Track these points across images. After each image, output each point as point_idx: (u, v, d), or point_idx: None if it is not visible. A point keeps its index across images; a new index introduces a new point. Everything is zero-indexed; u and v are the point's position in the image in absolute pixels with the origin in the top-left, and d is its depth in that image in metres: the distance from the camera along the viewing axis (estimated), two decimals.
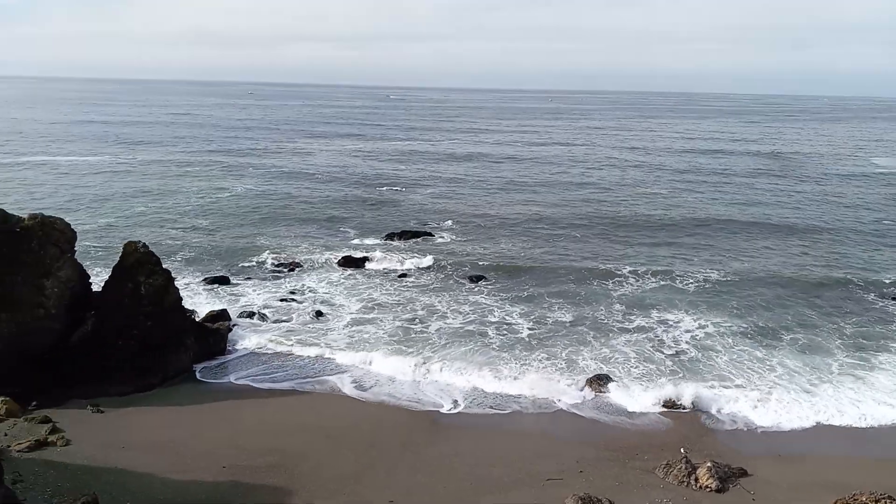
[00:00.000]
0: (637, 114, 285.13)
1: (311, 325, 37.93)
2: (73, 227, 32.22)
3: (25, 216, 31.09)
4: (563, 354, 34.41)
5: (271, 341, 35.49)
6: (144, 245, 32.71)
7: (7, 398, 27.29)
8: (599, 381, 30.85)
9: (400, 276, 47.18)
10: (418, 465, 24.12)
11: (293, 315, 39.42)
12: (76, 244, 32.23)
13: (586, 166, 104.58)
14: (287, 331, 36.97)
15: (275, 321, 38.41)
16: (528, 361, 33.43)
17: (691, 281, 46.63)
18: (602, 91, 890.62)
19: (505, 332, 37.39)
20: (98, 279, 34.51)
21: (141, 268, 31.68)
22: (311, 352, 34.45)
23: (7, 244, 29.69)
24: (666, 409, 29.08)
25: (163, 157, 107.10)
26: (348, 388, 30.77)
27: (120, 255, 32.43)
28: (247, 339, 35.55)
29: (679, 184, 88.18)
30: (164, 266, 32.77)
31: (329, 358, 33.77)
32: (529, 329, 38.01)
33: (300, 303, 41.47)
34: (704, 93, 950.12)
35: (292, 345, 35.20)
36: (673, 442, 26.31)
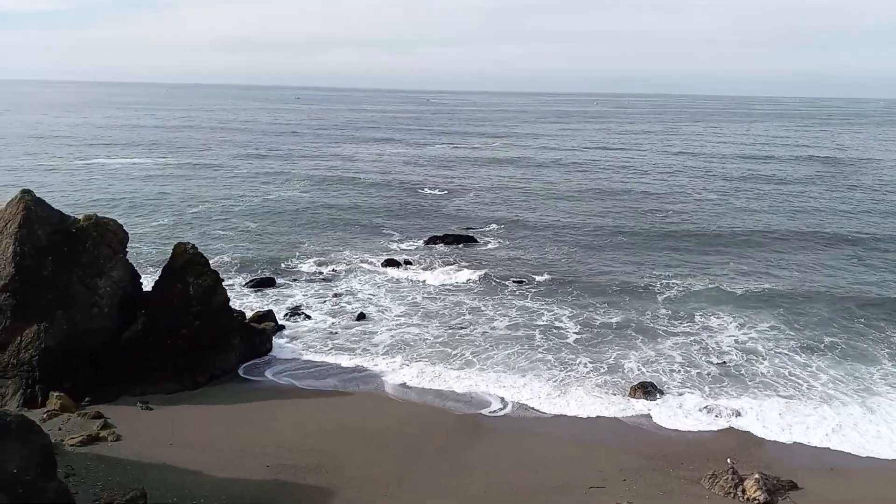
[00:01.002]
0: (685, 117, 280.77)
1: (354, 327, 38.26)
2: (124, 228, 33.16)
3: (80, 217, 32.11)
4: (609, 360, 34.09)
5: (315, 342, 35.95)
6: (193, 246, 33.45)
7: (61, 394, 28.19)
8: (643, 389, 30.40)
9: (443, 280, 47.26)
10: (459, 468, 24.11)
11: (337, 316, 39.83)
12: (127, 245, 33.15)
13: (632, 171, 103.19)
14: (330, 332, 37.39)
15: (319, 322, 38.85)
16: (573, 366, 33.18)
17: (739, 288, 45.63)
18: (647, 94, 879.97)
19: (551, 337, 37.13)
20: (148, 279, 35.40)
21: (190, 269, 32.40)
22: (355, 353, 34.75)
23: (64, 244, 30.69)
24: (712, 418, 28.49)
25: (211, 160, 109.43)
26: (390, 390, 30.94)
27: (169, 256, 33.26)
28: (291, 340, 36.09)
29: (728, 190, 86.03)
30: (211, 267, 33.48)
31: (371, 359, 34.01)
32: (576, 333, 37.72)
33: (344, 305, 41.87)
34: (753, 96, 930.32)
35: (336, 346, 35.59)
36: (718, 452, 25.76)
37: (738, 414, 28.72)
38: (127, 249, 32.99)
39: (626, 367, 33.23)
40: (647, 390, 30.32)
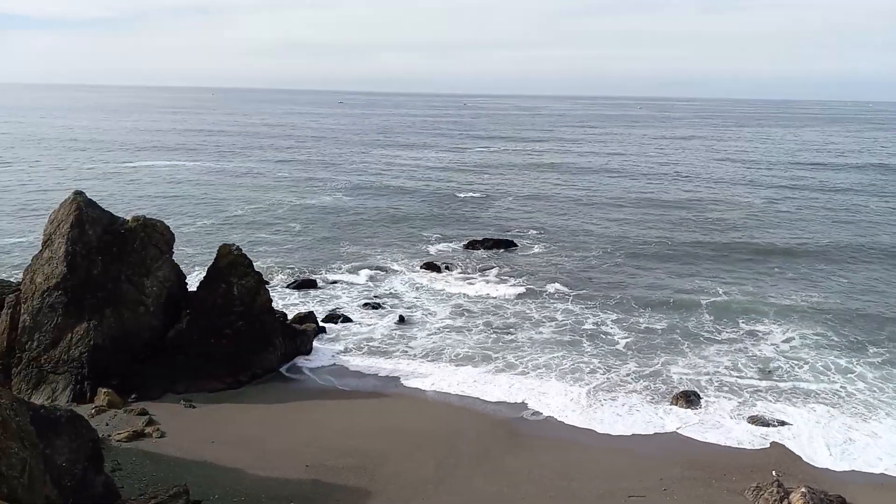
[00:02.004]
0: (732, 122, 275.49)
1: (393, 330, 38.43)
2: (171, 229, 33.89)
3: (129, 218, 32.93)
4: (653, 366, 33.63)
5: (355, 344, 36.21)
6: (238, 248, 34.02)
7: (109, 390, 28.91)
8: (686, 397, 29.86)
9: (483, 284, 47.18)
10: (497, 474, 23.98)
11: (377, 319, 40.06)
12: (174, 245, 33.86)
13: (677, 177, 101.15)
14: (370, 335, 37.62)
15: (359, 324, 39.13)
16: (617, 372, 32.79)
17: (785, 299, 44.49)
18: (693, 98, 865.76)
19: (598, 342, 36.83)
20: (194, 280, 36.09)
21: (234, 270, 32.95)
22: (394, 355, 34.90)
23: (113, 244, 31.51)
24: (756, 428, 27.81)
25: (256, 163, 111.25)
26: (429, 392, 30.96)
27: (215, 256, 33.88)
28: (332, 341, 36.41)
29: (776, 198, 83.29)
30: (255, 268, 33.99)
31: (411, 361, 34.11)
32: (623, 338, 37.41)
33: (384, 307, 42.09)
34: (803, 100, 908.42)
35: (375, 348, 35.80)
36: (763, 464, 25.14)
37: (784, 424, 28.00)
38: (173, 250, 33.70)
39: (670, 375, 32.73)
40: (690, 399, 29.79)
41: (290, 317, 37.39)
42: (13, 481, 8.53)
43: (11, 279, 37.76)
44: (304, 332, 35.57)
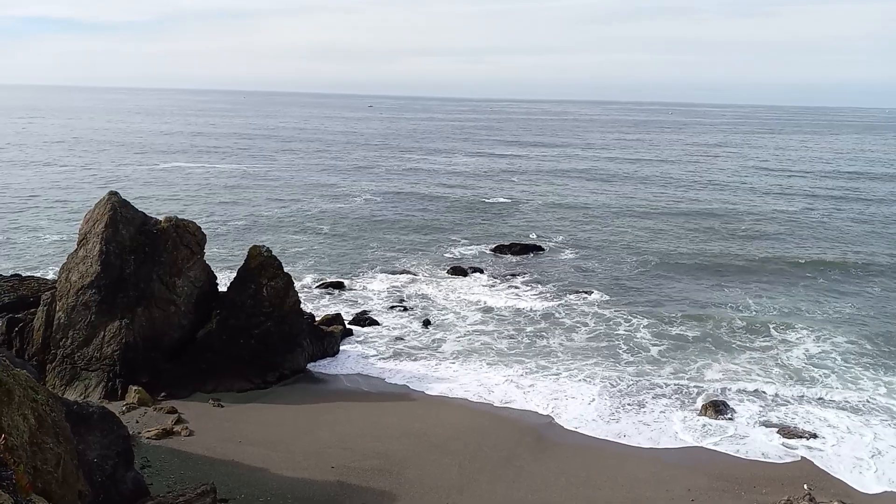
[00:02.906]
0: (764, 129, 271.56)
1: (420, 333, 38.50)
2: (203, 229, 34.34)
3: (162, 218, 33.44)
4: (683, 376, 33.25)
5: (381, 347, 36.33)
6: (268, 249, 34.37)
7: (140, 388, 29.36)
8: (714, 407, 29.43)
9: (510, 288, 47.06)
10: (521, 480, 23.87)
11: (404, 322, 40.15)
12: (205, 246, 34.30)
13: (708, 185, 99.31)
14: (397, 337, 37.71)
15: (386, 327, 39.25)
16: (646, 380, 32.47)
17: (818, 310, 43.72)
18: (725, 104, 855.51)
19: (629, 350, 36.57)
20: (224, 280, 36.50)
21: (264, 271, 33.28)
22: (420, 359, 34.94)
23: (146, 244, 32.01)
24: (786, 440, 27.31)
25: (286, 166, 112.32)
26: (456, 397, 30.88)
27: (245, 257, 34.24)
28: (359, 343, 36.57)
29: (811, 208, 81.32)
30: (284, 270, 34.27)
31: (438, 365, 34.12)
32: (655, 345, 37.18)
33: (411, 310, 42.18)
34: (837, 107, 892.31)
35: (401, 351, 35.87)
36: (794, 476, 24.67)
37: (815, 437, 27.47)
38: (205, 250, 34.13)
39: (701, 383, 32.31)
40: (719, 409, 29.35)
41: (317, 318, 37.64)
42: (48, 476, 8.71)
43: (48, 277, 38.59)
44: (331, 333, 35.78)
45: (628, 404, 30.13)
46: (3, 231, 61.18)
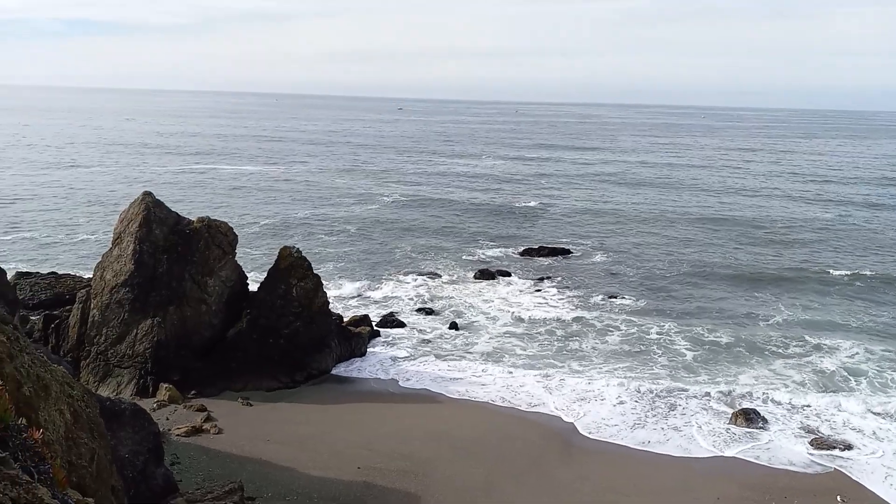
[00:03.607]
0: (801, 133, 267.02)
1: (447, 335, 38.54)
2: (234, 230, 34.78)
3: (195, 219, 33.94)
4: (715, 383, 32.77)
5: (408, 348, 36.43)
6: (298, 250, 34.71)
7: (170, 386, 29.80)
8: (745, 416, 28.98)
9: (538, 291, 46.90)
10: (547, 485, 23.76)
11: (431, 324, 40.23)
12: (237, 246, 34.73)
13: (742, 192, 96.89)
14: (424, 339, 37.80)
15: (413, 329, 39.36)
16: (675, 386, 32.08)
17: (853, 319, 42.80)
18: (760, 108, 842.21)
19: (663, 354, 36.28)
20: (254, 280, 36.89)
21: (294, 271, 33.60)
22: (447, 361, 34.95)
23: (178, 244, 32.52)
24: (818, 451, 26.80)
25: (316, 168, 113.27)
26: (482, 399, 30.83)
27: (276, 258, 34.61)
28: (386, 345, 36.72)
29: (848, 216, 78.69)
30: (313, 270, 34.57)
31: (464, 368, 34.09)
32: (689, 350, 36.82)
33: (438, 313, 42.25)
34: (879, 111, 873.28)
35: (428, 353, 35.93)
36: (827, 488, 24.20)
37: (849, 448, 26.93)
38: (236, 251, 34.56)
39: (733, 390, 31.79)
40: (750, 417, 28.90)
41: (345, 319, 37.89)
42: (82, 470, 8.91)
43: (84, 275, 39.39)
44: (358, 334, 35.99)
45: (658, 410, 29.82)
46: (41, 230, 62.58)
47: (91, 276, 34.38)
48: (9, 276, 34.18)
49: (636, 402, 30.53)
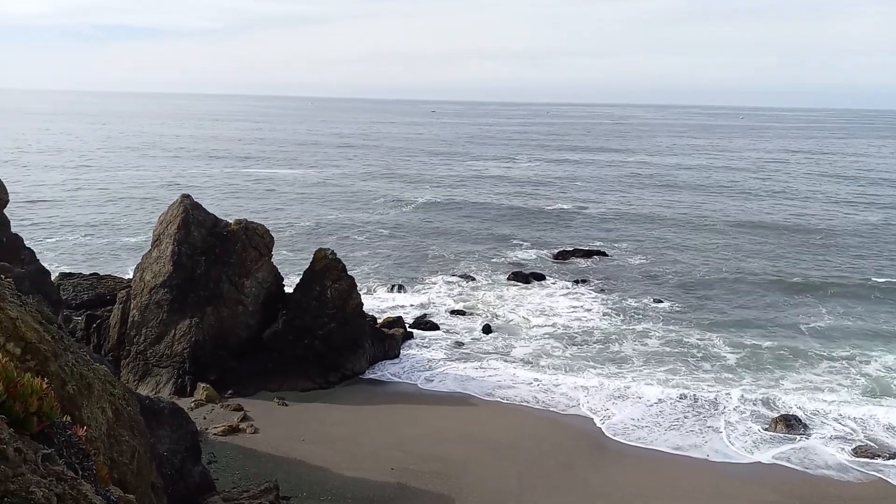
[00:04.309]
0: (843, 134, 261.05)
1: (480, 338, 38.48)
2: (271, 232, 35.21)
3: (232, 221, 34.43)
4: (758, 387, 32.23)
5: (441, 350, 36.45)
6: (333, 252, 34.99)
7: (208, 385, 30.24)
8: (786, 422, 28.41)
9: (573, 293, 46.58)
10: (579, 489, 23.56)
11: (464, 326, 40.21)
12: (273, 248, 35.15)
13: (779, 193, 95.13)
14: (457, 342, 37.78)
15: (446, 331, 39.38)
16: (714, 391, 31.62)
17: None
18: (801, 108, 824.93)
19: (704, 358, 35.81)
20: (290, 281, 37.30)
21: (328, 273, 33.89)
22: (480, 363, 34.88)
23: (216, 246, 33.03)
24: (860, 460, 26.13)
25: (350, 171, 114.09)
26: (516, 402, 30.71)
27: (311, 260, 34.94)
28: (419, 347, 36.80)
29: (890, 219, 76.49)
30: (348, 272, 34.82)
31: (498, 370, 34.00)
32: (732, 354, 36.26)
33: (471, 315, 42.20)
34: None
35: (461, 355, 35.90)
36: (869, 497, 23.60)
37: (894, 456, 26.20)
38: (272, 253, 34.97)
39: (773, 396, 31.16)
40: (790, 423, 28.32)
41: (379, 321, 38.06)
42: (123, 467, 9.10)
43: (124, 276, 40.20)
44: (392, 336, 36.13)
45: (696, 414, 29.44)
46: (83, 231, 64.08)
47: (131, 277, 35.08)
48: (53, 277, 35.08)
49: (674, 404, 30.18)
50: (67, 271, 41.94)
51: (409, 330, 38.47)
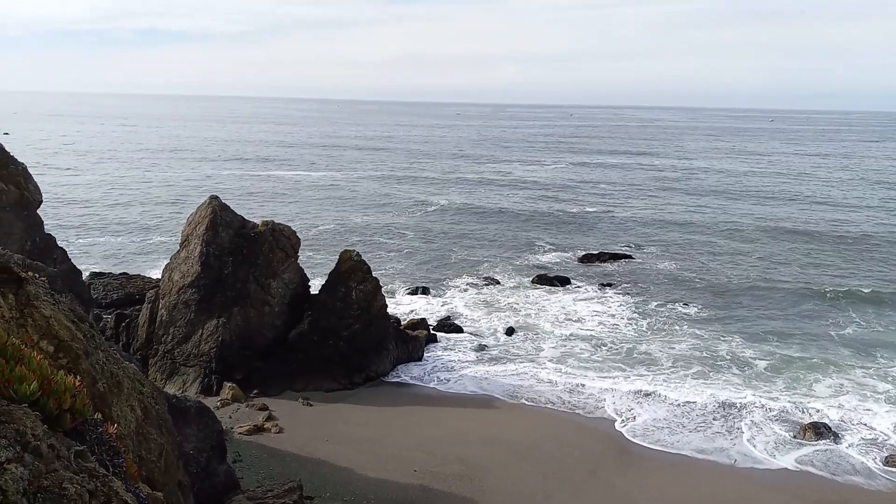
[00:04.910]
0: (875, 136, 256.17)
1: (504, 340, 38.41)
2: (297, 234, 35.50)
3: (259, 222, 34.78)
4: (787, 393, 31.84)
5: (466, 352, 36.45)
6: (358, 254, 35.18)
7: (234, 385, 30.56)
8: (815, 429, 27.95)
9: (599, 297, 46.29)
10: (605, 495, 23.40)
11: (488, 328, 40.17)
12: (299, 249, 35.43)
13: (813, 199, 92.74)
14: (481, 344, 37.74)
15: (469, 333, 39.37)
16: (744, 397, 31.26)
17: None
18: (836, 111, 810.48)
19: (732, 363, 35.37)
20: (317, 283, 37.56)
21: (353, 274, 34.08)
22: (504, 365, 34.84)
23: (243, 247, 33.38)
24: (892, 468, 25.62)
25: (375, 174, 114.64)
26: (540, 404, 30.61)
27: (336, 261, 35.16)
28: (443, 349, 36.83)
29: None
30: (372, 274, 34.98)
31: (521, 372, 33.92)
32: (761, 360, 35.76)
33: (495, 317, 42.13)
34: None
35: (485, 358, 35.87)
36: None
37: None
38: (298, 254, 35.26)
39: (799, 404, 30.71)
40: (819, 431, 27.87)
41: (403, 322, 38.16)
42: (151, 465, 9.25)
43: (152, 276, 40.76)
44: (416, 338, 36.21)
45: (723, 419, 29.14)
46: (113, 232, 65.13)
47: (160, 276, 35.57)
48: (83, 277, 35.70)
49: (700, 408, 29.93)
50: (98, 271, 42.65)
51: (432, 332, 38.52)
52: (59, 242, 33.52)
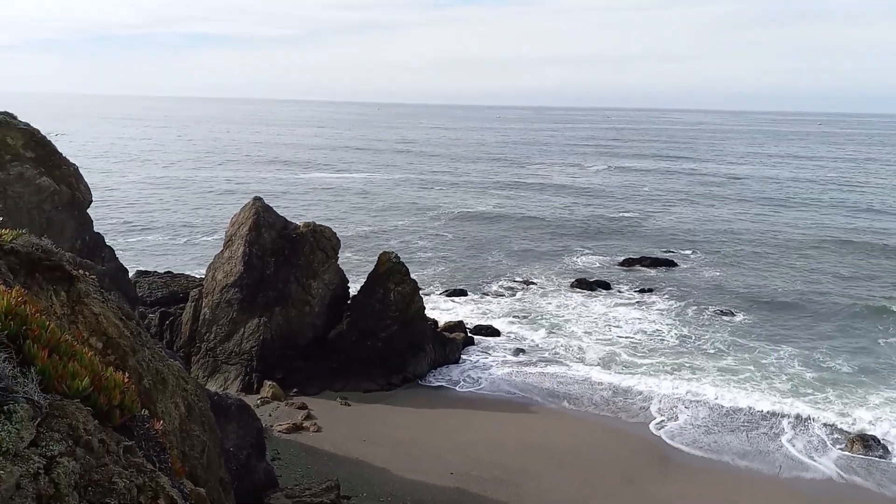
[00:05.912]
0: None
1: (542, 344, 38.15)
2: (337, 235, 35.85)
3: (301, 224, 35.22)
4: (835, 405, 31.02)
5: (503, 356, 36.33)
6: (397, 256, 35.37)
7: (274, 383, 30.95)
8: (863, 442, 27.16)
9: (640, 302, 45.71)
10: (642, 502, 23.06)
11: (526, 332, 39.96)
12: (339, 250, 35.77)
13: (864, 207, 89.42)
14: (518, 347, 37.56)
15: (508, 336, 39.23)
16: (795, 399, 30.69)
17: None
18: (883, 113, 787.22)
19: (772, 372, 34.64)
20: (356, 284, 37.83)
21: (392, 276, 34.26)
22: (542, 369, 34.62)
23: (285, 248, 33.84)
24: None
25: (415, 176, 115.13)
26: (578, 409, 30.33)
27: (375, 263, 35.40)
28: (480, 352, 36.76)
29: None
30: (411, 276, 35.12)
31: (559, 376, 33.66)
32: (802, 371, 34.98)
33: (533, 321, 41.92)
34: None
35: (522, 361, 35.69)
36: None
37: None
38: (339, 255, 35.59)
39: (847, 416, 29.86)
40: (868, 444, 27.08)
41: (440, 325, 38.20)
42: (194, 461, 9.43)
43: (197, 275, 41.57)
44: (453, 340, 36.22)
45: (767, 428, 28.55)
46: (159, 231, 66.62)
47: (203, 276, 36.24)
48: (130, 275, 36.57)
49: (744, 416, 29.37)
50: (143, 269, 43.65)
51: (470, 335, 38.48)
52: (106, 241, 34.37)
